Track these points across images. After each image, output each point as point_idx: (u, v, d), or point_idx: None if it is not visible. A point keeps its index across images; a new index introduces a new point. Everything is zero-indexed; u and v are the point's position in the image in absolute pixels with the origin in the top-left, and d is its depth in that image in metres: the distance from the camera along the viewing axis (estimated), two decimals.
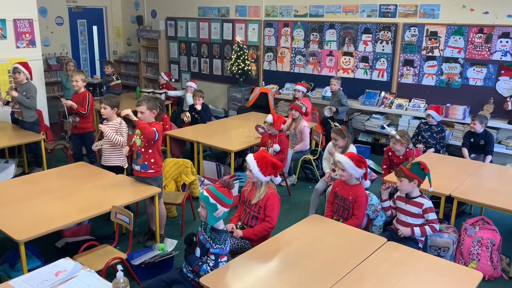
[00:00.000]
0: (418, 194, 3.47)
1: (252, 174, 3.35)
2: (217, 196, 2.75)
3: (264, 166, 3.32)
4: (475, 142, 5.45)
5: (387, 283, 2.58)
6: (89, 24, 10.41)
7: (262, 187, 3.38)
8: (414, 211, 3.44)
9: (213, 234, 2.76)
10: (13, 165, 5.69)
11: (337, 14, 7.41)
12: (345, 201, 3.63)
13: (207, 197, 2.74)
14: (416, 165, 3.40)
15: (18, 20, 6.45)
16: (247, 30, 8.53)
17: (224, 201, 2.77)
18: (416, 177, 3.38)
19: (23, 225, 3.15)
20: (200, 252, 2.80)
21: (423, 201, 3.42)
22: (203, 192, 2.79)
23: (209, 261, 2.72)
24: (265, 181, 3.37)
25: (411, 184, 3.40)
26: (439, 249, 3.86)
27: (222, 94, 9.10)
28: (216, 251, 2.71)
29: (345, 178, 3.62)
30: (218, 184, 2.84)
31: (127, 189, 3.92)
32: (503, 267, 3.85)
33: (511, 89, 6.08)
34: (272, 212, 3.34)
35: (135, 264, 3.62)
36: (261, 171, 3.31)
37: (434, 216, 3.39)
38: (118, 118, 4.52)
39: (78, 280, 2.51)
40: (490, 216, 4.26)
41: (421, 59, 6.70)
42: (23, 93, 5.62)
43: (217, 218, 2.77)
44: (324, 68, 7.70)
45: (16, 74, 5.67)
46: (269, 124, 5.16)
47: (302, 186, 5.72)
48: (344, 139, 4.63)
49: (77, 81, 5.41)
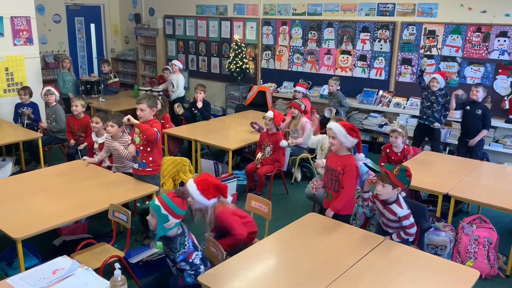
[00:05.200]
0: (394, 200, 3.24)
1: (193, 201, 3.06)
2: (169, 206, 2.59)
3: (206, 189, 3.06)
4: (471, 110, 5.36)
5: (384, 281, 2.58)
6: (86, 21, 10.37)
7: (208, 212, 3.13)
8: (390, 217, 3.30)
9: (168, 244, 2.66)
10: (10, 163, 5.68)
11: (335, 12, 7.40)
12: (334, 172, 3.47)
13: (159, 207, 2.59)
14: (403, 172, 3.21)
15: (16, 17, 6.43)
16: (245, 28, 8.52)
17: (176, 212, 2.61)
18: (401, 184, 3.20)
19: (21, 223, 3.15)
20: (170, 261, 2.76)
21: (397, 210, 3.22)
22: (154, 200, 2.64)
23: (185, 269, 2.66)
24: (210, 205, 3.12)
25: (394, 191, 3.20)
26: (436, 248, 3.87)
27: (220, 92, 9.10)
28: (181, 258, 2.62)
29: (335, 147, 3.46)
30: (172, 193, 2.67)
31: (125, 187, 3.92)
32: (500, 266, 3.86)
33: (508, 88, 6.09)
34: (231, 228, 3.14)
35: (133, 263, 3.63)
36: (203, 195, 3.05)
37: (408, 222, 3.21)
38: (123, 135, 4.48)
39: (75, 278, 2.51)
40: (487, 214, 4.28)
41: (419, 58, 6.71)
42: (52, 116, 5.84)
43: (167, 229, 2.62)
44: (322, 67, 7.70)
45: (48, 96, 5.84)
46: (269, 119, 5.14)
47: (299, 184, 5.72)
48: None
49: (76, 106, 5.49)
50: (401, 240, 3.21)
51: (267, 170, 5.10)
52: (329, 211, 3.45)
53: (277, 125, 5.15)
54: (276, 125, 5.16)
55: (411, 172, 3.24)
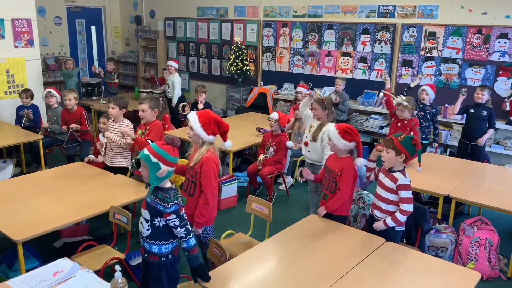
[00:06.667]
0: (399, 169, 3.17)
1: (193, 132, 3.07)
2: (159, 154, 2.48)
3: (207, 122, 3.05)
4: (476, 112, 5.27)
5: (385, 283, 2.58)
6: (87, 24, 10.39)
7: (202, 147, 3.09)
8: (388, 184, 3.19)
9: (160, 194, 2.51)
10: (11, 165, 5.68)
11: (336, 14, 7.41)
12: (331, 173, 3.44)
13: (148, 155, 2.48)
14: (409, 140, 3.09)
15: (17, 19, 6.44)
16: (245, 30, 8.53)
17: (167, 159, 2.49)
18: (405, 152, 3.08)
19: (21, 225, 3.15)
20: (149, 214, 2.55)
21: (399, 176, 3.13)
22: (144, 150, 2.53)
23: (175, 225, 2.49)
24: (207, 140, 3.09)
25: (397, 158, 3.11)
26: (437, 250, 3.87)
27: (220, 94, 9.10)
28: (172, 209, 2.47)
29: (333, 149, 3.46)
30: (160, 141, 2.57)
31: (125, 189, 3.92)
32: (501, 268, 3.86)
33: (509, 89, 6.09)
34: (205, 180, 3.05)
35: (134, 265, 3.62)
36: (203, 128, 3.04)
37: (406, 194, 3.11)
38: (124, 119, 4.53)
39: (76, 280, 2.51)
40: (488, 216, 4.27)
41: (419, 60, 6.71)
42: (54, 117, 5.90)
43: (160, 178, 2.50)
44: (322, 69, 7.71)
45: (49, 98, 5.93)
46: (274, 121, 5.14)
47: (300, 186, 5.72)
48: (324, 110, 4.23)
49: (70, 99, 5.62)
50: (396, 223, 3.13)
51: (269, 171, 5.10)
52: (322, 209, 3.39)
53: (282, 126, 5.15)
54: (281, 126, 5.16)
55: (419, 142, 3.14)
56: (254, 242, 3.49)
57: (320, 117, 4.28)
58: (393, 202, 3.20)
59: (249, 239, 3.59)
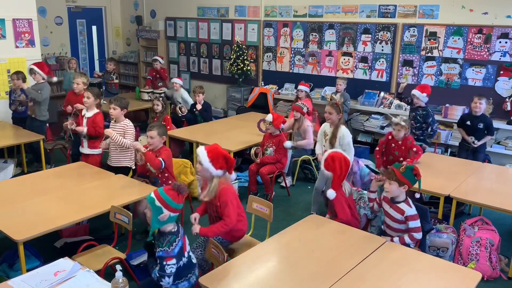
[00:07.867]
0: (403, 199, 3.29)
1: (201, 167, 3.18)
2: (163, 199, 2.62)
3: (215, 157, 3.16)
4: (473, 125, 5.16)
5: (385, 283, 2.58)
6: (88, 24, 10.40)
7: (213, 182, 3.19)
8: (396, 216, 3.30)
9: (157, 237, 2.66)
10: (12, 165, 5.69)
11: (337, 14, 7.41)
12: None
13: (153, 199, 2.63)
14: (410, 170, 3.24)
15: (17, 19, 6.45)
16: (246, 30, 8.53)
17: (170, 205, 2.62)
18: (407, 182, 3.21)
19: (22, 225, 3.15)
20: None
21: (405, 208, 3.25)
22: (151, 193, 2.68)
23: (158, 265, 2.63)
24: (216, 175, 3.19)
25: (400, 189, 3.24)
26: (438, 249, 3.87)
27: (221, 94, 9.10)
28: (159, 254, 2.60)
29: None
30: (168, 187, 2.71)
31: (126, 189, 3.92)
32: (502, 268, 3.85)
33: (510, 89, 6.08)
34: (227, 210, 3.14)
35: (134, 264, 3.63)
36: (212, 163, 3.15)
37: (415, 224, 3.22)
38: (126, 119, 4.53)
39: (77, 280, 2.51)
40: (489, 216, 4.27)
41: (420, 60, 6.71)
42: (38, 91, 5.71)
43: (162, 222, 2.63)
44: (323, 69, 7.70)
45: (32, 75, 5.82)
46: (269, 123, 5.16)
47: (301, 186, 5.72)
48: (339, 114, 4.48)
49: (78, 83, 5.50)
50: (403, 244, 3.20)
51: (269, 170, 5.09)
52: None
53: (277, 128, 5.15)
54: (276, 128, 5.16)
55: (419, 171, 3.25)
56: (254, 242, 3.49)
57: (334, 121, 4.45)
58: (405, 231, 3.30)
59: (250, 239, 3.59)
